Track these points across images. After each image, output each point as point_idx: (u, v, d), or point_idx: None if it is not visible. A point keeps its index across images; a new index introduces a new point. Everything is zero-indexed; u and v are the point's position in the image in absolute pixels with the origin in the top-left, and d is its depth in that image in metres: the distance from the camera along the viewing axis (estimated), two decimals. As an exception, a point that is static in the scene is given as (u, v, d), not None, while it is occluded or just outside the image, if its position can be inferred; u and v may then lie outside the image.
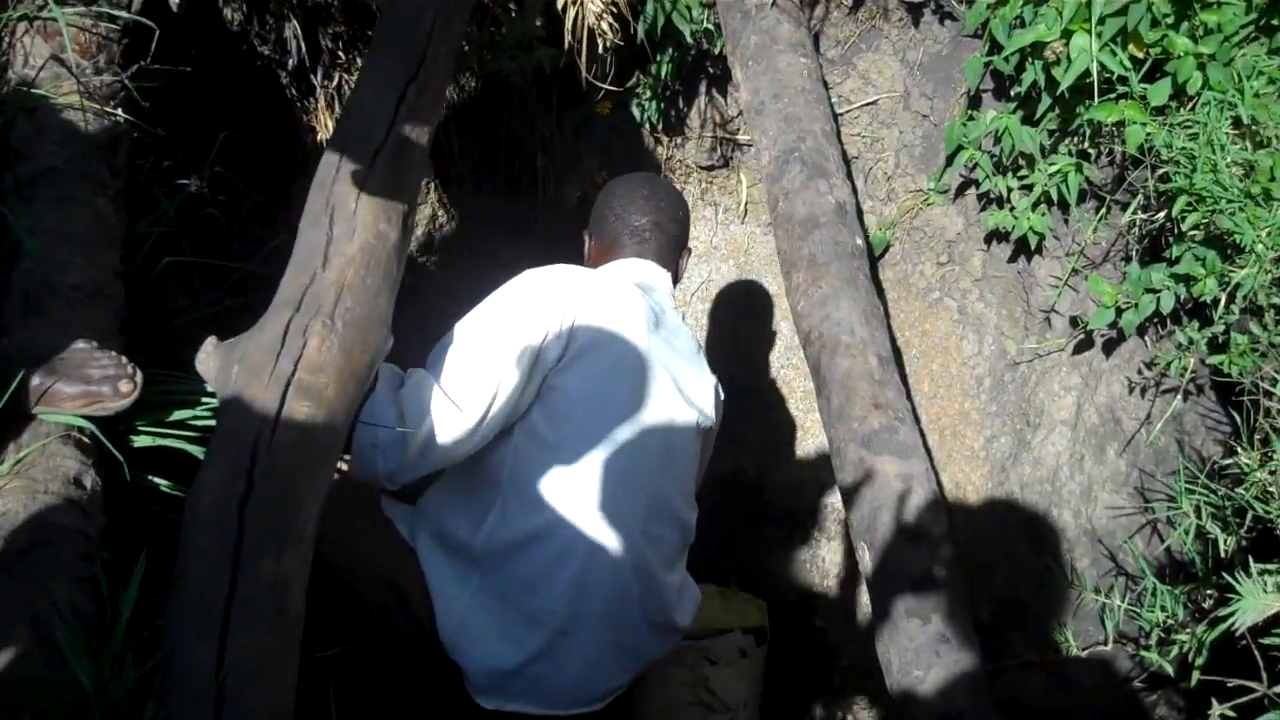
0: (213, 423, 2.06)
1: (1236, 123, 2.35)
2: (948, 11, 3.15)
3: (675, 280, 2.64)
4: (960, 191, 3.15)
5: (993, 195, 3.00)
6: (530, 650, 2.29)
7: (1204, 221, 2.35)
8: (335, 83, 3.41)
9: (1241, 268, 2.27)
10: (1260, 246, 2.22)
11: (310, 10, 3.27)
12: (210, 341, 1.99)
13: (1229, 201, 2.27)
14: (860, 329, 2.57)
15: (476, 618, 2.31)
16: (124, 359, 1.98)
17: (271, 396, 1.84)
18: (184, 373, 2.12)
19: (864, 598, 3.29)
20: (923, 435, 2.61)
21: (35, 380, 1.93)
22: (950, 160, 3.04)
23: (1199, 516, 2.40)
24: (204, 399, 2.14)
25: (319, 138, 3.41)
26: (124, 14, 2.58)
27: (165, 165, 2.66)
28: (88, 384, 1.93)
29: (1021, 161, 2.84)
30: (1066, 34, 2.53)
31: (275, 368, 1.87)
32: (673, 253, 2.63)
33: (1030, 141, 2.74)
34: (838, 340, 2.56)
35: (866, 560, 2.34)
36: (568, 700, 2.36)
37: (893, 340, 2.80)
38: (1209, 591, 2.37)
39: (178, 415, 2.12)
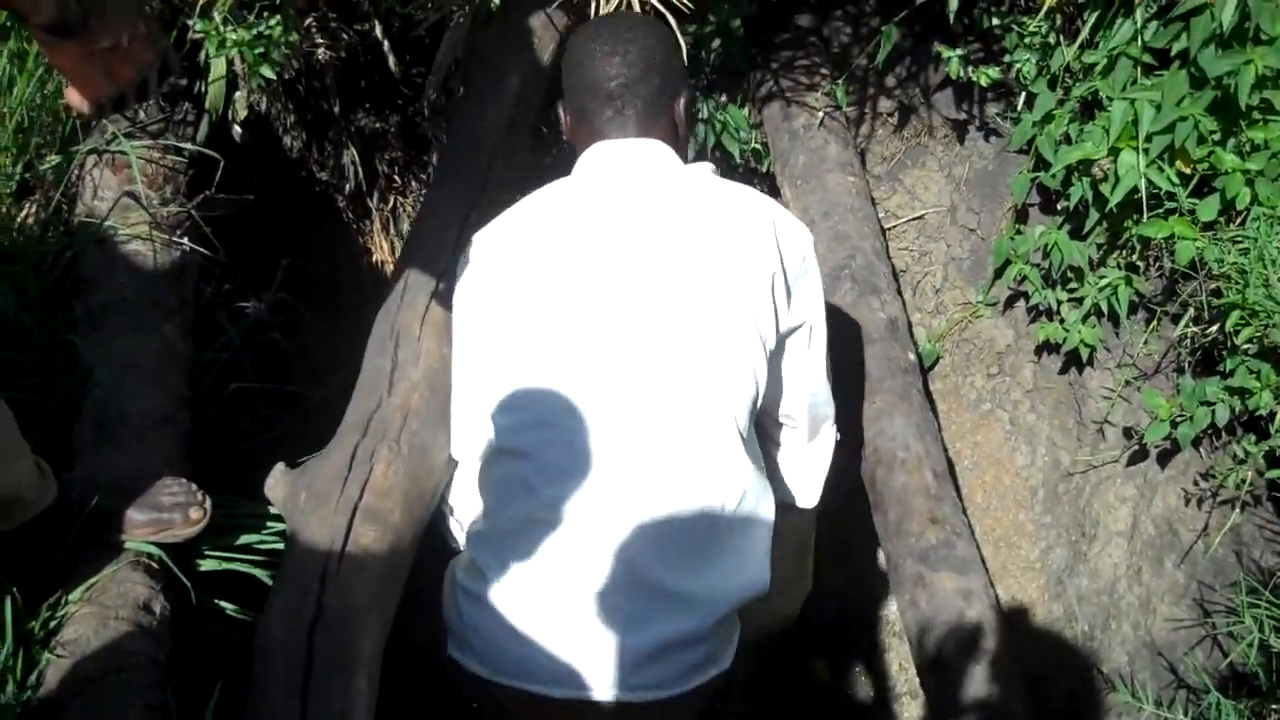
0: (278, 546, 2.09)
1: (1286, 236, 2.36)
2: (993, 129, 3.19)
3: (679, 136, 2.11)
4: (1009, 304, 3.17)
5: (1042, 308, 3.01)
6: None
7: (1258, 335, 2.35)
8: (390, 206, 3.49)
9: (1297, 381, 2.28)
10: (1315, 361, 2.22)
11: (368, 138, 3.37)
12: (279, 468, 2.03)
13: (1282, 316, 2.28)
14: (915, 444, 2.58)
15: None
16: (194, 486, 2.01)
17: (339, 522, 1.87)
18: (249, 496, 2.16)
19: (916, 712, 3.25)
20: (978, 547, 2.60)
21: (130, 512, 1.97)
22: (999, 274, 3.06)
23: (1261, 630, 2.37)
24: (269, 523, 2.17)
25: (374, 259, 3.48)
26: (190, 146, 2.66)
27: (226, 289, 2.72)
28: (159, 511, 1.96)
29: (1070, 274, 2.85)
30: (1114, 151, 2.54)
31: (343, 493, 1.91)
32: (661, 110, 2.06)
33: (1079, 256, 2.75)
34: (893, 456, 2.56)
35: (924, 676, 2.32)
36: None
37: (945, 452, 2.80)
38: (1274, 706, 2.34)
39: (243, 539, 2.15)
